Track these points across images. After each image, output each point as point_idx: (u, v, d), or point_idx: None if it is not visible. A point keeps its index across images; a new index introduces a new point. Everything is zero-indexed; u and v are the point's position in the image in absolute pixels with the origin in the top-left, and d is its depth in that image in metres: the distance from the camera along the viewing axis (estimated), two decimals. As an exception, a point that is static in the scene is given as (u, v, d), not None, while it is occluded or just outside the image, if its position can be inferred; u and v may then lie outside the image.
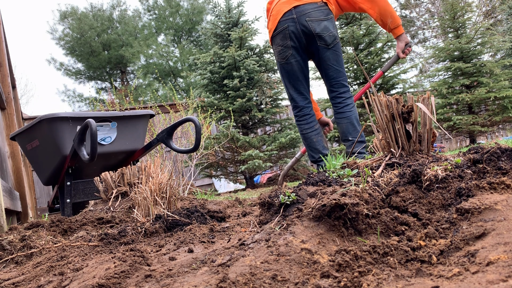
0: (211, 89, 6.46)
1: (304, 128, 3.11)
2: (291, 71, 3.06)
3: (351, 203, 1.04)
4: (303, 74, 3.09)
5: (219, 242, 1.41)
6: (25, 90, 24.96)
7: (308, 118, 3.10)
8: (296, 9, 2.92)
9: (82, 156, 2.49)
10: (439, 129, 6.31)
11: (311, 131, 3.08)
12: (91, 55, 17.71)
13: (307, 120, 3.10)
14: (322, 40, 2.93)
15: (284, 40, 2.99)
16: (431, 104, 1.35)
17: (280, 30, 2.98)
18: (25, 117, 6.82)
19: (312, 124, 3.10)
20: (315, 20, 2.91)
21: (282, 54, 3.03)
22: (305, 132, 3.11)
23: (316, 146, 3.06)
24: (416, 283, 0.77)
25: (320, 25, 2.91)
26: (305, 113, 3.11)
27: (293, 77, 3.08)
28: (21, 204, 3.81)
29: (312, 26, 2.90)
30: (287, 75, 3.10)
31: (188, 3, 18.48)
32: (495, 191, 1.02)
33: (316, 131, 3.09)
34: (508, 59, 7.20)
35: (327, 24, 2.93)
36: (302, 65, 3.07)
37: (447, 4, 7.23)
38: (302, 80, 3.09)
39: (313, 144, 3.07)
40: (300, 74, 3.07)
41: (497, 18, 14.65)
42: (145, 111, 3.31)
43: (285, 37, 2.97)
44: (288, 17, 2.93)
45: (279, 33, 2.99)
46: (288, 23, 2.94)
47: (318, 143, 3.06)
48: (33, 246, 1.72)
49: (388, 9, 2.99)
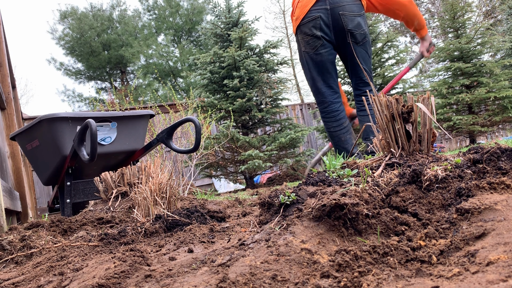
0: (211, 89, 6.46)
1: (332, 126, 2.93)
2: (321, 62, 2.90)
3: (351, 203, 1.04)
4: (333, 66, 2.95)
5: (219, 242, 1.41)
6: (25, 90, 24.97)
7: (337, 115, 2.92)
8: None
9: (82, 156, 2.49)
10: (439, 129, 6.31)
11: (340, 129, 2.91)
12: (91, 55, 17.71)
13: (336, 117, 2.91)
14: (353, 37, 2.83)
15: (313, 30, 2.84)
16: (431, 104, 1.35)
17: (311, 19, 2.83)
18: (25, 117, 6.82)
19: (342, 121, 2.91)
20: (349, 15, 2.79)
21: (312, 44, 2.88)
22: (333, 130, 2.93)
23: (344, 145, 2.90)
24: (416, 283, 0.77)
25: (353, 21, 2.80)
26: (334, 109, 2.92)
27: (323, 69, 2.91)
28: (21, 204, 3.81)
29: (345, 21, 2.78)
30: (316, 67, 2.92)
31: (188, 3, 18.48)
32: (495, 191, 1.02)
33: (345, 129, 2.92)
34: (508, 59, 7.20)
35: (360, 20, 2.83)
36: (333, 57, 2.94)
37: (447, 4, 7.23)
38: (332, 73, 2.95)
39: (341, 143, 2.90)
40: (331, 66, 2.93)
41: (497, 18, 14.65)
42: (145, 111, 3.31)
43: (315, 26, 2.83)
44: (321, 6, 2.79)
45: (309, 21, 2.84)
46: (320, 12, 2.80)
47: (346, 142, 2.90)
48: (33, 246, 1.72)
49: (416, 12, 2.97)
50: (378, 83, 6.90)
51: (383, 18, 18.96)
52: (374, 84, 6.81)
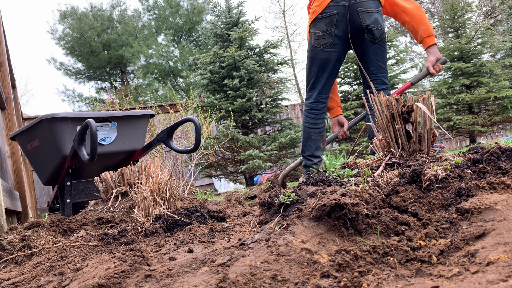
0: (211, 89, 6.46)
1: (308, 121, 3.01)
2: (325, 60, 2.90)
3: (351, 203, 1.04)
4: (335, 67, 2.95)
5: (219, 242, 1.41)
6: (25, 90, 24.97)
7: (316, 114, 2.98)
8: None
9: (82, 156, 2.49)
10: (439, 129, 6.31)
11: (313, 128, 2.99)
12: (91, 55, 17.71)
13: (314, 115, 2.98)
14: (370, 34, 2.80)
15: (329, 26, 2.82)
16: (431, 104, 1.35)
17: (327, 15, 2.81)
18: (25, 117, 6.82)
19: (318, 122, 2.98)
20: (367, 12, 2.77)
21: (322, 40, 2.87)
22: (307, 126, 3.01)
23: (311, 143, 2.98)
24: (416, 283, 0.77)
25: (371, 18, 2.78)
26: (316, 108, 2.98)
27: (324, 67, 2.93)
28: (21, 204, 3.81)
29: (363, 18, 2.76)
30: (318, 63, 2.93)
31: (188, 3, 18.48)
32: (495, 191, 1.02)
33: (318, 129, 2.99)
34: (508, 59, 7.20)
35: (377, 16, 2.80)
36: (338, 58, 2.92)
37: (447, 4, 7.23)
38: (333, 73, 2.95)
39: (309, 140, 2.99)
40: (332, 66, 2.93)
41: (497, 18, 14.65)
42: (145, 111, 3.31)
43: (331, 23, 2.81)
44: (339, 3, 2.77)
45: (325, 17, 2.82)
46: (338, 9, 2.77)
47: (314, 142, 2.98)
48: (33, 246, 1.72)
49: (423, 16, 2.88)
50: (378, 83, 6.89)
51: (383, 18, 18.95)
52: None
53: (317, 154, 3.00)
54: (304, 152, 3.04)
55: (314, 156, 2.98)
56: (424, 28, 2.91)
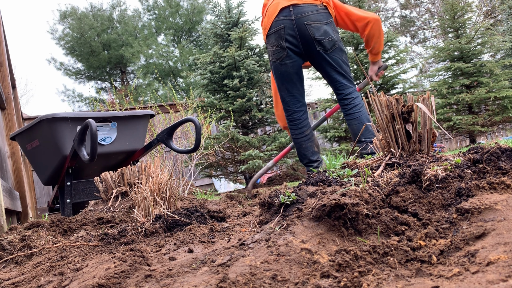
0: (211, 89, 6.46)
1: (294, 133, 3.05)
2: (285, 72, 2.94)
3: (351, 203, 1.04)
4: (298, 76, 2.97)
5: (219, 242, 1.41)
6: (25, 90, 24.96)
7: (298, 124, 3.01)
8: (295, 9, 2.77)
9: (82, 156, 2.49)
10: (439, 129, 6.31)
11: (301, 137, 3.02)
12: (91, 55, 17.71)
13: (297, 126, 3.02)
14: (321, 45, 2.82)
15: (279, 41, 2.84)
16: (431, 104, 1.35)
17: (275, 30, 2.84)
18: (25, 117, 6.82)
19: (303, 130, 3.02)
20: (315, 24, 2.78)
21: (277, 55, 2.90)
22: (295, 137, 3.05)
23: (304, 152, 3.02)
24: (416, 283, 0.77)
25: (319, 30, 2.79)
26: (296, 118, 3.02)
27: (287, 79, 2.96)
28: (21, 204, 3.81)
29: (311, 31, 2.78)
30: (280, 77, 2.97)
31: (188, 3, 18.47)
32: (495, 191, 1.02)
33: (306, 137, 3.02)
34: (508, 59, 7.20)
35: (326, 28, 2.81)
36: (298, 68, 2.95)
37: (447, 4, 7.23)
38: (297, 82, 2.98)
39: (302, 149, 3.03)
40: (295, 76, 2.95)
41: (497, 18, 14.65)
42: (145, 111, 3.31)
43: (281, 37, 2.83)
44: (285, 17, 2.79)
45: (274, 32, 2.85)
46: (285, 23, 2.79)
47: (307, 149, 3.01)
48: (33, 246, 1.72)
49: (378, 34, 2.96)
50: (378, 83, 6.90)
51: (383, 18, 18.96)
52: (374, 84, 6.81)
53: (314, 159, 3.03)
54: (303, 161, 3.09)
55: (312, 161, 3.02)
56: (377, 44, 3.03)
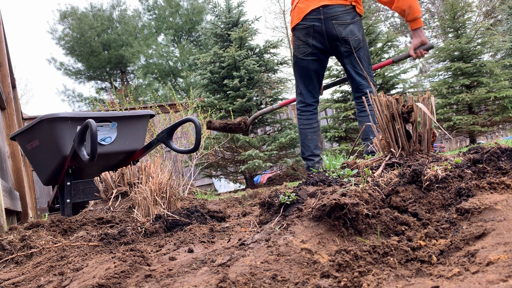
0: (211, 89, 6.46)
1: (302, 123, 3.13)
2: (305, 68, 3.03)
3: (351, 203, 1.04)
4: (317, 73, 3.06)
5: (219, 242, 1.41)
6: (25, 90, 24.97)
7: (309, 115, 3.11)
8: (325, 9, 2.87)
9: (82, 156, 2.49)
10: (439, 129, 6.31)
11: (308, 128, 3.10)
12: (91, 55, 17.71)
13: (307, 116, 3.11)
14: (347, 44, 2.91)
15: (306, 37, 2.95)
16: (431, 104, 1.35)
17: (304, 27, 2.93)
18: (25, 117, 6.82)
19: (311, 121, 3.11)
20: (342, 24, 2.88)
21: (301, 49, 3.00)
22: (302, 127, 3.13)
23: (308, 143, 3.09)
24: (416, 283, 0.77)
25: (346, 29, 2.88)
26: (308, 110, 3.11)
27: (305, 74, 3.06)
28: (21, 204, 3.81)
29: (338, 30, 2.87)
30: (299, 71, 3.07)
31: (188, 3, 18.47)
32: (495, 191, 1.02)
33: (313, 129, 3.10)
34: (508, 59, 7.20)
35: (352, 27, 2.90)
36: (318, 65, 3.04)
37: (447, 4, 7.23)
38: (314, 79, 3.08)
39: (307, 141, 3.10)
40: (313, 73, 3.05)
41: (497, 18, 14.65)
42: (145, 111, 3.31)
43: (308, 34, 2.93)
44: (315, 16, 2.89)
45: (303, 28, 2.94)
46: (314, 22, 2.89)
47: (311, 141, 3.09)
48: (33, 246, 1.72)
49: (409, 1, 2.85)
50: (378, 83, 6.90)
51: (383, 18, 18.97)
52: (374, 84, 6.81)
53: (317, 153, 3.08)
54: (304, 154, 3.12)
55: (315, 154, 3.07)
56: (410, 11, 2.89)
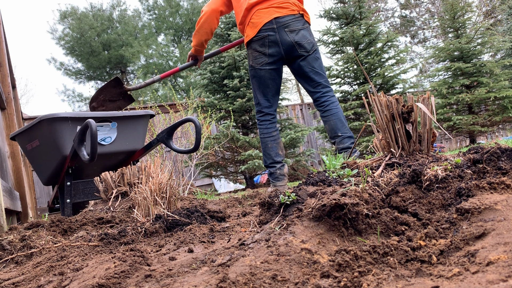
0: (211, 89, 6.46)
1: (262, 132, 3.28)
2: (263, 77, 3.20)
3: (351, 203, 1.04)
4: (275, 82, 3.23)
5: (219, 242, 1.41)
6: (25, 90, 24.96)
7: (267, 124, 3.27)
8: (277, 19, 3.08)
9: (82, 157, 2.49)
10: (439, 129, 6.31)
11: (268, 137, 3.25)
12: (91, 55, 17.70)
13: (266, 126, 3.27)
14: (302, 48, 3.10)
15: (263, 47, 3.13)
16: (431, 104, 1.35)
17: (260, 37, 3.12)
18: (25, 117, 6.82)
19: (270, 130, 3.26)
20: (294, 30, 3.09)
21: (258, 60, 3.17)
22: (262, 136, 3.28)
23: (269, 151, 3.24)
24: (416, 283, 0.77)
25: (298, 34, 3.09)
26: (266, 119, 3.27)
27: (263, 83, 3.22)
28: (21, 204, 3.81)
29: (291, 36, 3.08)
30: (258, 81, 3.23)
31: (188, 3, 18.47)
32: (495, 191, 1.02)
33: (273, 137, 3.25)
34: (508, 59, 7.20)
35: (304, 32, 3.11)
36: (275, 74, 3.21)
37: (447, 4, 7.23)
38: (272, 88, 3.24)
39: (267, 149, 3.25)
40: (271, 82, 3.21)
41: (497, 18, 14.65)
42: (145, 111, 3.31)
43: (264, 44, 3.12)
44: (268, 26, 3.08)
45: (258, 39, 3.13)
46: (268, 32, 3.08)
47: (271, 149, 3.24)
48: (33, 246, 1.72)
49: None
50: (378, 83, 6.90)
51: (383, 18, 18.95)
52: (374, 84, 6.81)
53: (278, 160, 3.24)
54: (266, 162, 3.28)
55: (276, 162, 3.22)
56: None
